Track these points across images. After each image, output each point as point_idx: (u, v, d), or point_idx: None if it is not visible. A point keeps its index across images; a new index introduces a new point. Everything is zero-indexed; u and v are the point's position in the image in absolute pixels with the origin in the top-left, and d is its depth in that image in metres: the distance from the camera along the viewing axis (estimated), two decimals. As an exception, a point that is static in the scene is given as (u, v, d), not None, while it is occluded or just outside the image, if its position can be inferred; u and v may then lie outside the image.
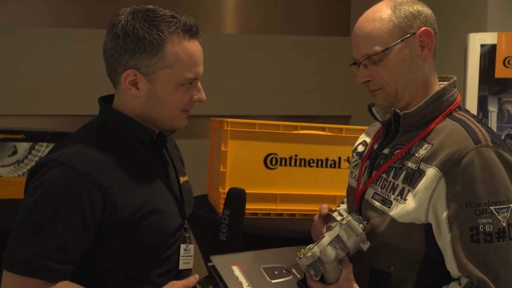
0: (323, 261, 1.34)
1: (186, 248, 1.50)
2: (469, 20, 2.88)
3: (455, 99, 1.48)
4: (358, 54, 1.48)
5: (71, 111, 3.28)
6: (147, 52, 1.38)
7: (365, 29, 1.45)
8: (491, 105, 2.48)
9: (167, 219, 1.45)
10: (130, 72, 1.40)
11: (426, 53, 1.45)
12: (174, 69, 1.40)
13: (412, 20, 1.44)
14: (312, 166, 2.36)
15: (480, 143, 1.35)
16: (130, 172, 1.40)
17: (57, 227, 1.29)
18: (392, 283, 1.40)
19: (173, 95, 1.42)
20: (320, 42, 3.76)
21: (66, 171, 1.32)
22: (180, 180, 1.56)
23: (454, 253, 1.31)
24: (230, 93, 3.49)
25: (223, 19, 3.71)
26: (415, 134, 1.45)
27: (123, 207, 1.36)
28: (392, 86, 1.45)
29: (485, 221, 1.30)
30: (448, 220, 1.32)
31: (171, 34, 1.39)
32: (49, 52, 3.25)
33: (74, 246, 1.31)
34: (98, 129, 1.45)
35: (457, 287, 1.32)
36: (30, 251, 1.28)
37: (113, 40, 1.40)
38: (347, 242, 1.37)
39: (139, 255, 1.41)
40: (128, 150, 1.43)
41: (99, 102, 1.50)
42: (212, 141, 2.61)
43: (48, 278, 1.29)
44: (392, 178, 1.43)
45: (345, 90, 3.65)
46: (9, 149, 2.56)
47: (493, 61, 2.47)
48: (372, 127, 1.72)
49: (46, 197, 1.30)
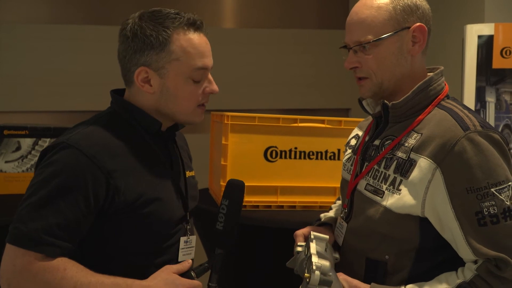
0: (326, 272, 1.35)
1: (186, 241, 1.54)
2: (466, 11, 2.89)
3: (442, 88, 1.49)
4: (350, 39, 1.49)
5: (74, 107, 3.30)
6: (154, 48, 1.44)
7: (361, 14, 1.46)
8: (488, 96, 2.50)
9: (169, 209, 1.49)
10: (141, 69, 1.46)
11: (416, 49, 1.46)
12: (182, 61, 1.45)
13: (409, 13, 1.44)
14: (312, 158, 2.38)
15: (469, 129, 1.36)
16: (136, 159, 1.45)
17: (60, 204, 1.34)
18: (388, 272, 1.42)
19: (184, 88, 1.47)
20: (319, 35, 3.77)
21: (74, 153, 1.37)
22: (186, 174, 1.60)
23: (467, 240, 1.32)
24: (230, 87, 3.51)
25: (221, 14, 3.73)
26: (405, 124, 1.46)
27: (126, 192, 1.40)
28: (378, 76, 1.46)
29: (488, 204, 1.32)
30: (453, 209, 1.33)
31: (176, 28, 1.45)
32: (51, 48, 3.27)
33: (74, 224, 1.36)
34: (108, 117, 1.51)
35: (473, 266, 1.34)
36: (32, 225, 1.33)
37: (124, 43, 1.48)
38: (324, 253, 1.42)
39: (140, 242, 1.45)
40: (136, 139, 1.48)
41: (110, 94, 1.56)
42: (212, 135, 2.64)
43: (47, 252, 1.33)
44: (384, 168, 1.45)
45: (344, 83, 3.65)
46: (13, 145, 2.58)
47: (490, 52, 2.48)
48: (365, 121, 1.74)
49: (53, 176, 1.36)
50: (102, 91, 1.57)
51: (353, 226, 1.51)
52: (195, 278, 1.48)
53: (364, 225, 1.46)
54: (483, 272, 1.32)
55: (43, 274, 1.32)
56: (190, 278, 1.47)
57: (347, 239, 1.53)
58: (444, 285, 1.34)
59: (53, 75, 3.27)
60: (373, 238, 1.44)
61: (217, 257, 1.47)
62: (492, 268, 1.31)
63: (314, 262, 1.32)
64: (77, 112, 3.24)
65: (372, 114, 1.57)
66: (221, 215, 1.47)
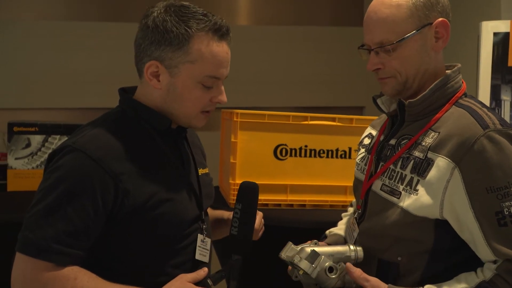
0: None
1: (203, 240, 1.50)
2: (482, 8, 2.85)
3: (460, 86, 1.46)
4: (370, 40, 1.44)
5: (84, 104, 3.31)
6: (172, 45, 1.40)
7: (381, 14, 1.41)
8: (504, 94, 2.45)
9: (182, 209, 1.45)
10: (152, 63, 1.42)
11: (440, 45, 1.43)
12: (196, 65, 1.41)
13: (430, 9, 1.40)
14: (322, 156, 2.36)
15: (488, 128, 1.33)
16: (145, 160, 1.42)
17: (68, 211, 1.31)
18: (400, 273, 1.40)
19: (192, 92, 1.43)
20: (333, 32, 3.74)
21: (80, 156, 1.34)
22: (199, 172, 1.56)
23: (487, 241, 1.30)
24: (242, 84, 3.49)
25: (235, 11, 3.72)
26: (422, 123, 1.43)
27: (136, 195, 1.37)
28: (403, 75, 1.43)
29: (509, 204, 1.29)
30: (472, 210, 1.31)
31: (198, 31, 1.40)
32: (62, 45, 3.28)
33: (84, 230, 1.33)
34: (115, 117, 1.48)
35: (493, 266, 1.32)
36: (40, 233, 1.30)
37: (143, 30, 1.44)
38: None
39: (153, 245, 1.42)
40: (144, 139, 1.45)
41: (119, 92, 1.53)
42: (222, 132, 2.63)
43: (57, 261, 1.31)
44: (400, 168, 1.42)
45: (358, 81, 3.63)
46: (23, 141, 2.59)
47: (506, 50, 2.44)
48: (378, 120, 1.71)
49: (59, 182, 1.33)
50: (115, 88, 1.55)
51: (366, 227, 1.49)
52: (212, 286, 1.43)
53: (378, 226, 1.43)
54: (503, 271, 1.30)
55: (53, 284, 1.30)
56: (206, 286, 1.42)
57: (359, 239, 1.50)
58: (463, 285, 1.32)
59: (65, 72, 3.29)
60: (386, 239, 1.42)
61: (234, 263, 1.43)
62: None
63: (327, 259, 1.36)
64: (89, 109, 3.24)
65: (387, 112, 1.54)
66: (235, 220, 1.43)
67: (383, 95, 1.55)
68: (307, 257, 1.39)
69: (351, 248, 1.43)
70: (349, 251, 1.43)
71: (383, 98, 1.55)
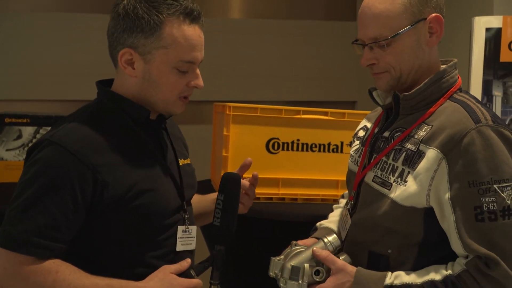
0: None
1: (185, 230, 1.50)
2: (475, 4, 2.86)
3: (455, 81, 1.47)
4: (364, 35, 1.45)
5: (76, 96, 3.27)
6: (144, 31, 1.39)
7: (375, 9, 1.41)
8: (495, 90, 2.46)
9: (162, 200, 1.45)
10: (126, 51, 1.42)
11: (434, 40, 1.43)
12: (169, 49, 1.40)
13: (423, 4, 1.41)
14: (314, 150, 2.36)
15: (480, 122, 1.34)
16: (124, 151, 1.42)
17: (47, 204, 1.32)
18: (391, 265, 1.40)
19: (167, 77, 1.42)
20: (326, 26, 3.73)
21: (57, 150, 1.35)
22: (180, 162, 1.56)
23: (459, 234, 1.31)
24: (235, 78, 3.49)
25: (228, 3, 3.70)
26: (416, 116, 1.44)
27: (115, 186, 1.37)
28: (397, 70, 1.43)
29: (489, 200, 1.30)
30: (451, 201, 1.32)
31: (170, 16, 1.40)
32: (53, 37, 3.26)
33: (64, 223, 1.33)
34: (93, 109, 1.47)
35: (463, 261, 1.32)
36: (21, 227, 1.31)
37: (114, 19, 1.44)
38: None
39: (134, 236, 1.42)
40: (123, 130, 1.45)
41: (96, 84, 1.52)
42: (215, 125, 2.62)
43: (37, 254, 1.31)
44: (392, 160, 1.43)
45: (350, 76, 3.63)
46: (14, 133, 2.58)
47: (498, 45, 2.45)
48: (373, 113, 1.71)
49: (37, 175, 1.34)
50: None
51: (357, 218, 1.49)
52: (195, 277, 1.44)
53: (369, 217, 1.44)
54: (472, 268, 1.30)
55: (34, 277, 1.31)
56: (189, 277, 1.43)
57: (351, 231, 1.51)
58: (431, 275, 1.33)
59: (57, 64, 3.26)
60: (377, 231, 1.42)
61: (217, 253, 1.44)
62: (481, 265, 1.29)
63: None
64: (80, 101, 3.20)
65: (382, 105, 1.55)
66: (217, 211, 1.43)
67: None
68: (290, 276, 1.41)
69: (326, 241, 1.46)
70: (325, 246, 1.45)
71: (379, 91, 1.55)
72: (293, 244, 1.50)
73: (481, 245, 1.29)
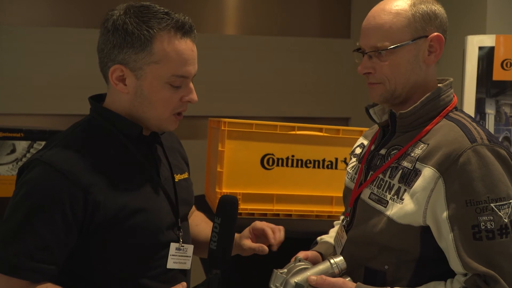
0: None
1: (179, 248, 1.47)
2: (468, 22, 2.88)
3: (451, 99, 1.48)
4: (366, 44, 1.46)
5: (70, 111, 3.28)
6: (134, 47, 1.36)
7: (379, 20, 1.43)
8: (488, 108, 2.48)
9: (155, 218, 1.42)
10: (117, 67, 1.39)
11: (432, 59, 1.44)
12: (161, 65, 1.37)
13: (427, 22, 1.42)
14: (309, 166, 2.36)
15: (476, 142, 1.35)
16: (116, 170, 1.39)
17: (37, 226, 1.29)
18: (387, 282, 1.40)
19: (160, 93, 1.39)
20: (320, 43, 3.76)
21: (47, 170, 1.32)
22: (176, 178, 1.53)
23: (458, 252, 1.31)
24: (230, 94, 3.50)
25: (223, 20, 3.72)
26: (412, 134, 1.44)
27: (107, 206, 1.34)
28: (392, 83, 1.44)
29: (486, 219, 1.30)
30: (449, 220, 1.32)
31: (160, 30, 1.37)
32: (49, 51, 3.27)
33: (55, 245, 1.31)
34: (84, 127, 1.44)
35: (462, 278, 1.32)
36: (11, 250, 1.28)
37: (104, 35, 1.40)
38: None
39: (128, 256, 1.39)
40: (115, 148, 1.42)
41: (89, 100, 1.49)
42: (209, 141, 2.62)
43: (30, 278, 1.29)
44: (388, 177, 1.43)
45: (344, 92, 3.65)
46: (7, 147, 2.56)
47: (491, 64, 2.47)
48: (370, 130, 1.72)
49: (27, 197, 1.31)
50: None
51: (353, 235, 1.49)
52: None
53: (365, 234, 1.44)
54: (471, 285, 1.30)
55: None
56: None
57: (347, 247, 1.51)
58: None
59: (51, 78, 3.27)
60: (373, 247, 1.42)
61: (213, 277, 1.41)
62: (480, 283, 1.29)
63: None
64: (75, 115, 3.20)
65: (378, 123, 1.56)
66: (214, 234, 1.40)
67: (375, 105, 1.57)
68: None
69: (332, 263, 1.43)
70: (331, 267, 1.42)
71: (376, 108, 1.56)
72: (297, 259, 1.47)
73: (479, 263, 1.29)
